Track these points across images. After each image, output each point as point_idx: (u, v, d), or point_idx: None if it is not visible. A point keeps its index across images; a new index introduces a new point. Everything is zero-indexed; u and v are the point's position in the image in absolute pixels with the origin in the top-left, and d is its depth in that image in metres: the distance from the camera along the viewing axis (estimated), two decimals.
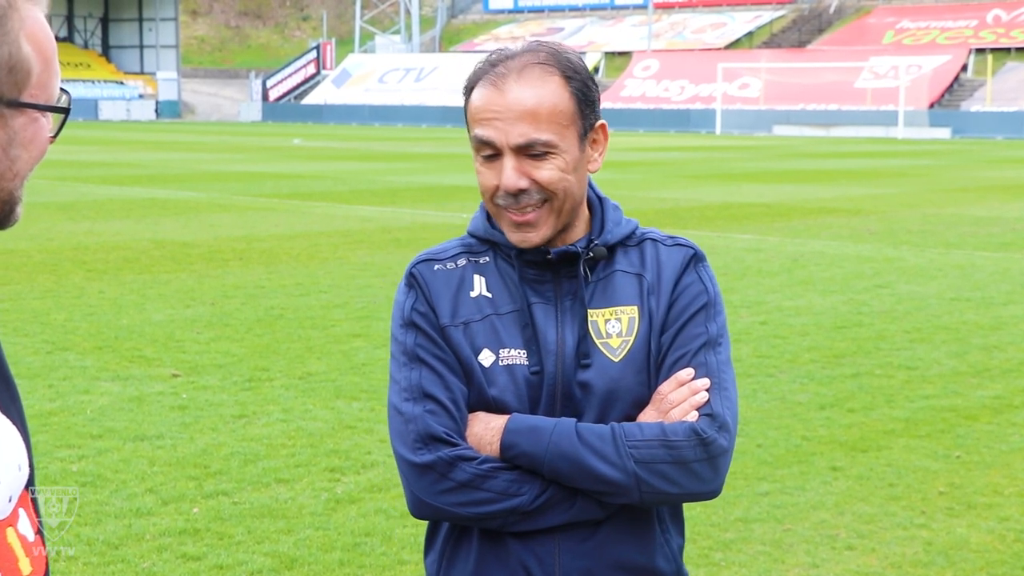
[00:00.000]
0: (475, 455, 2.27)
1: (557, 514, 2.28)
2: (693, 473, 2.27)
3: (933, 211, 22.02)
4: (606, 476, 2.24)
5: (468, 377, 2.31)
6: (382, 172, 31.77)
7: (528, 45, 2.32)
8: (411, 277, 2.38)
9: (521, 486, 2.26)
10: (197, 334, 10.52)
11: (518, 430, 2.26)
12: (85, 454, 7.11)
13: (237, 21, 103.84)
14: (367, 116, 75.93)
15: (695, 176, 31.09)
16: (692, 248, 2.43)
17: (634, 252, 2.41)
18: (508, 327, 2.32)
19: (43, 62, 1.60)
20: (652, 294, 2.36)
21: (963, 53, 67.01)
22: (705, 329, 2.35)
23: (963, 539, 5.98)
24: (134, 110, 78.90)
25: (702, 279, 2.40)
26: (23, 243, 16.15)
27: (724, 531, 6.05)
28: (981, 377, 9.28)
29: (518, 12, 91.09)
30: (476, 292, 2.35)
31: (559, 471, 2.25)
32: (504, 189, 2.25)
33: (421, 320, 2.33)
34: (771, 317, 11.53)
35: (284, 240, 17.10)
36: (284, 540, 5.86)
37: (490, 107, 2.24)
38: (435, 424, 2.27)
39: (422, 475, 2.27)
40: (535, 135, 2.24)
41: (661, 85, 72.79)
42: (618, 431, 2.27)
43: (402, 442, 2.30)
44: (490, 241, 2.39)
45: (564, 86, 2.27)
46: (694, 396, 2.30)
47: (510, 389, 2.30)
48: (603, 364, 2.31)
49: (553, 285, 2.35)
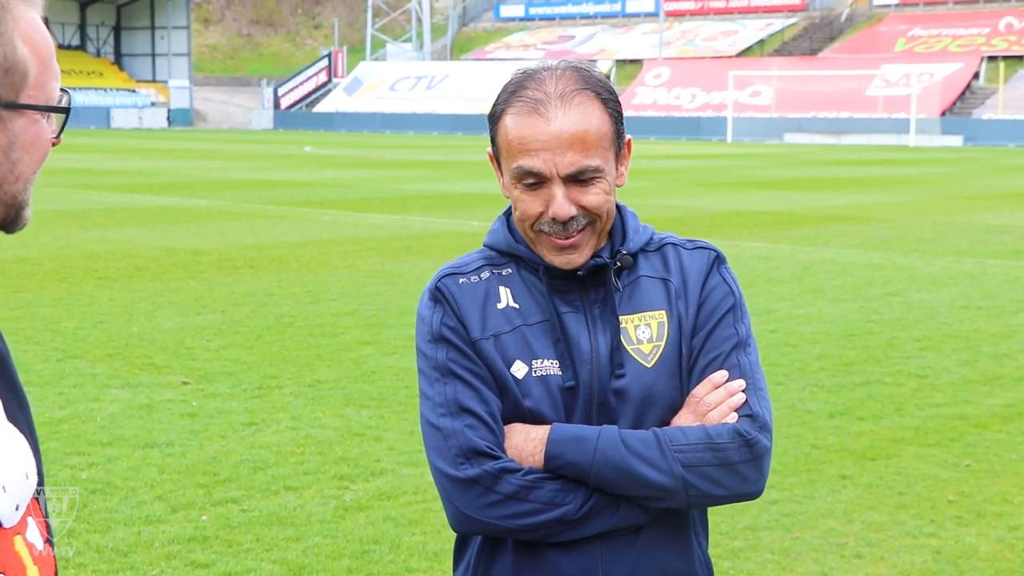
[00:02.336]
0: (519, 467, 2.26)
1: (601, 521, 2.28)
2: (739, 474, 2.28)
3: (944, 219, 21.98)
4: (654, 482, 2.24)
5: (502, 390, 2.30)
6: (393, 180, 31.81)
7: (557, 66, 2.31)
8: (437, 292, 2.36)
9: (566, 495, 2.25)
10: (207, 342, 10.54)
11: (562, 440, 2.26)
12: (95, 461, 7.13)
13: (249, 29, 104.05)
14: (378, 124, 76.01)
15: (706, 184, 31.07)
16: (714, 250, 2.44)
17: (655, 257, 2.41)
18: (538, 337, 2.32)
19: (40, 63, 1.59)
20: (679, 298, 2.37)
21: (975, 61, 66.90)
22: (735, 331, 2.37)
23: (972, 548, 5.96)
24: (146, 118, 79.09)
25: (727, 281, 2.41)
26: (35, 251, 16.21)
27: (732, 539, 6.04)
28: (991, 385, 9.26)
29: (529, 20, 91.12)
30: (503, 304, 2.34)
31: (606, 479, 2.25)
32: (556, 218, 2.25)
33: (451, 334, 2.32)
34: (781, 325, 11.52)
35: (294, 248, 17.13)
36: (293, 548, 5.87)
37: (537, 136, 2.22)
38: (476, 438, 2.26)
39: (467, 489, 2.25)
40: (585, 162, 2.23)
41: (672, 93, 72.77)
42: (662, 436, 2.27)
43: (442, 457, 2.28)
44: (511, 254, 2.38)
45: (603, 109, 2.27)
46: (731, 398, 2.32)
47: (545, 400, 2.30)
48: (637, 370, 2.32)
49: (580, 294, 2.35)
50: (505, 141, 2.28)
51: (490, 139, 2.36)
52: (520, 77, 2.31)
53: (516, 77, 2.32)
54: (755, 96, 68.57)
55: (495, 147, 2.34)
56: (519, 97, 2.27)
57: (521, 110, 2.26)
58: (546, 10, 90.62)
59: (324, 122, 78.28)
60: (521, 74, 2.32)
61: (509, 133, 2.26)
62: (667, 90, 73.18)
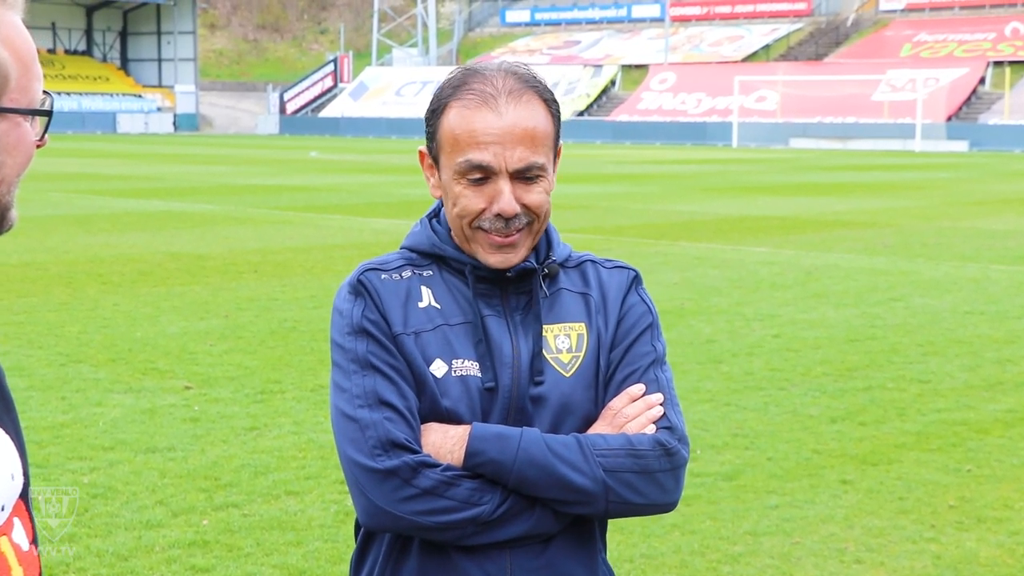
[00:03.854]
0: (437, 462, 2.22)
1: (515, 525, 2.25)
2: (657, 483, 2.28)
3: (949, 224, 21.97)
4: (576, 484, 2.23)
5: (420, 387, 2.27)
6: (398, 185, 31.84)
7: (500, 65, 2.30)
8: (359, 285, 2.32)
9: (483, 495, 2.22)
10: (210, 346, 10.55)
11: (485, 437, 2.23)
12: (96, 466, 7.14)
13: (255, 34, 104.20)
14: (384, 129, 76.11)
15: (711, 189, 31.07)
16: (632, 270, 2.46)
17: (575, 273, 2.42)
18: (460, 338, 2.30)
19: (21, 66, 1.59)
20: (599, 313, 2.38)
21: (981, 66, 66.87)
22: (652, 348, 2.39)
23: (972, 553, 5.96)
24: (152, 123, 79.23)
25: (644, 300, 2.44)
26: (40, 255, 16.24)
27: (733, 544, 6.04)
28: (994, 391, 9.26)
29: (535, 25, 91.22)
30: (425, 303, 2.32)
31: (527, 479, 2.22)
32: (502, 213, 2.24)
33: (373, 327, 2.28)
34: (784, 330, 11.52)
35: (299, 253, 17.15)
36: (293, 552, 5.87)
37: (488, 129, 2.21)
38: (395, 430, 2.21)
39: (383, 481, 2.20)
40: (533, 159, 2.23)
41: (678, 98, 72.80)
42: (584, 440, 2.26)
43: (358, 449, 2.23)
44: (434, 255, 2.37)
45: (547, 111, 2.28)
46: (650, 410, 2.32)
47: (464, 400, 2.27)
48: (555, 378, 2.32)
49: (502, 299, 2.34)
50: (450, 135, 2.26)
51: (427, 136, 2.34)
52: (463, 73, 2.30)
53: (458, 73, 2.30)
54: (761, 101, 68.59)
55: (434, 143, 2.31)
56: (467, 91, 2.25)
57: (469, 103, 2.24)
58: (552, 15, 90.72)
59: (330, 127, 78.37)
60: (462, 71, 2.31)
61: (456, 127, 2.24)
62: (673, 95, 73.20)
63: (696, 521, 6.32)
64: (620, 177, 35.54)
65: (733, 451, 7.59)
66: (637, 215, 23.54)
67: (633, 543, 5.97)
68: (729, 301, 13.13)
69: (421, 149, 2.38)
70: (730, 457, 7.46)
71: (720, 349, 10.63)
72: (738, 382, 9.38)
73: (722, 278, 14.85)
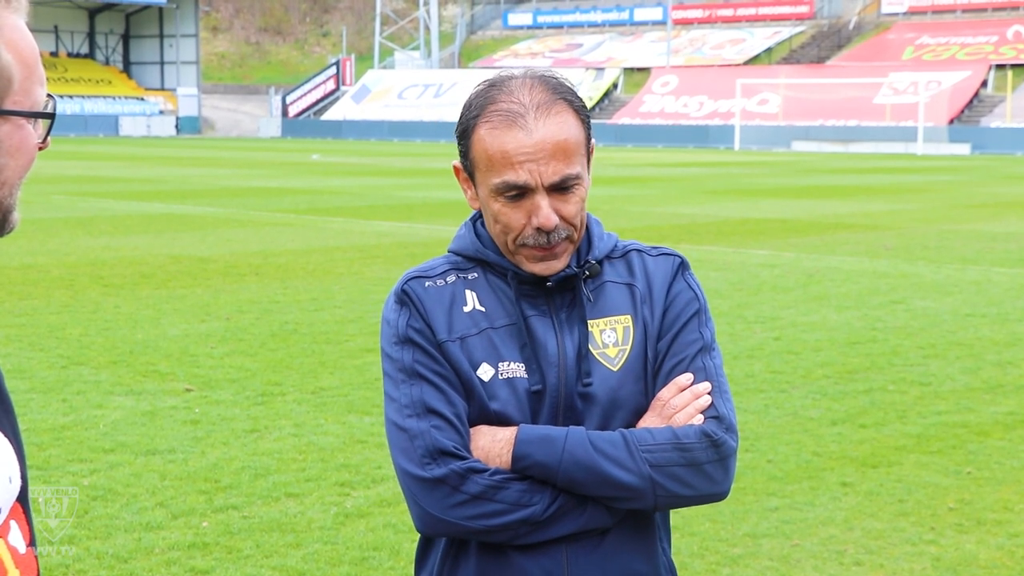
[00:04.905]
0: (485, 467, 2.26)
1: (568, 523, 2.28)
2: (706, 475, 2.30)
3: (950, 227, 21.97)
4: (623, 481, 2.25)
5: (468, 392, 2.31)
6: (400, 187, 31.85)
7: (524, 75, 2.31)
8: (403, 295, 2.36)
9: (533, 496, 2.25)
10: (211, 349, 10.56)
11: (530, 440, 2.26)
12: (97, 468, 7.14)
13: (257, 37, 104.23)
14: (386, 132, 76.14)
15: (713, 192, 31.07)
16: (678, 256, 2.46)
17: (620, 263, 2.43)
18: (505, 340, 2.32)
19: (25, 69, 1.60)
20: (645, 303, 2.39)
21: (983, 69, 66.86)
22: (700, 335, 2.39)
23: (972, 555, 5.96)
24: (154, 126, 79.28)
25: (691, 286, 2.43)
26: (41, 258, 16.25)
27: (732, 546, 6.05)
28: (994, 393, 9.25)
29: (537, 28, 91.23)
30: (469, 307, 2.35)
31: (574, 479, 2.25)
32: (542, 227, 2.25)
33: (418, 336, 2.32)
34: (785, 333, 11.52)
35: (300, 255, 17.16)
36: (292, 554, 5.88)
37: (520, 149, 2.22)
38: (442, 438, 2.26)
39: (433, 489, 2.25)
40: (567, 171, 2.25)
41: (680, 101, 72.81)
42: (629, 436, 2.28)
43: (408, 458, 2.28)
44: (478, 259, 2.39)
45: (577, 118, 2.29)
46: (697, 400, 2.33)
47: (512, 402, 2.30)
48: (603, 374, 2.33)
49: (547, 298, 2.36)
50: (484, 155, 2.27)
51: (460, 153, 2.35)
52: (487, 89, 2.30)
53: (482, 90, 2.31)
54: (763, 104, 68.60)
55: (467, 161, 2.32)
56: (493, 110, 2.26)
57: (499, 124, 2.25)
58: (554, 18, 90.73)
59: (332, 130, 78.40)
60: (488, 86, 2.31)
61: (488, 147, 2.26)
62: (675, 98, 73.22)
63: (695, 523, 6.32)
64: (622, 180, 35.53)
65: None
66: (639, 217, 23.54)
67: None
68: (730, 303, 13.13)
69: (456, 164, 2.39)
70: None
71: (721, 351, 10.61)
72: (739, 384, 9.38)
73: (723, 280, 14.85)
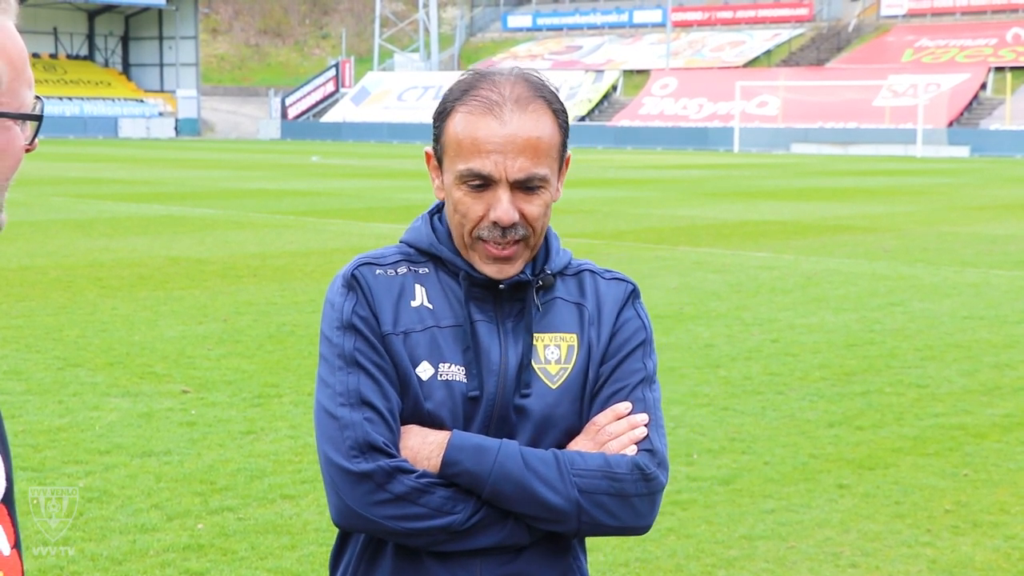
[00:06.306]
0: (413, 468, 2.21)
1: (487, 536, 2.24)
2: (632, 507, 2.26)
3: (949, 229, 21.97)
4: (549, 502, 2.21)
5: (404, 388, 2.26)
6: (400, 189, 31.86)
7: (511, 71, 2.28)
8: (352, 279, 2.31)
9: (456, 504, 2.21)
10: (208, 350, 10.55)
11: (462, 447, 2.21)
12: (92, 470, 7.13)
13: (257, 39, 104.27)
14: (386, 134, 76.17)
15: (712, 194, 31.07)
16: (631, 283, 2.43)
17: (572, 281, 2.39)
18: (448, 341, 2.28)
19: (12, 70, 1.58)
20: (592, 325, 2.35)
21: (982, 71, 66.89)
22: (643, 365, 2.35)
23: (968, 557, 5.95)
24: (154, 128, 79.29)
25: (640, 316, 2.40)
26: (39, 259, 16.25)
27: (728, 548, 6.04)
28: (991, 395, 9.25)
29: (536, 30, 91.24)
30: (417, 302, 2.30)
31: (501, 493, 2.21)
32: (499, 222, 2.21)
33: (362, 324, 2.27)
34: (783, 335, 11.51)
35: (298, 257, 17.16)
36: (287, 556, 5.87)
37: (490, 138, 2.19)
38: (374, 433, 2.20)
39: (358, 484, 2.19)
40: (534, 170, 2.21)
41: (679, 103, 72.83)
42: (561, 457, 2.24)
43: (335, 448, 2.22)
44: (431, 254, 2.35)
45: (555, 120, 2.25)
46: (633, 430, 2.29)
47: (447, 405, 2.26)
48: (541, 390, 2.29)
49: (495, 305, 2.32)
50: (454, 140, 2.24)
51: (433, 137, 2.32)
52: (472, 77, 2.27)
53: (468, 77, 2.28)
54: (762, 106, 68.62)
55: (439, 145, 2.29)
56: (473, 96, 2.23)
57: (474, 110, 2.22)
58: (554, 20, 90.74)
59: (331, 132, 78.44)
60: (473, 74, 2.28)
61: (460, 132, 2.23)
62: (674, 100, 73.24)
63: (692, 525, 6.31)
64: (621, 182, 35.54)
65: (730, 455, 7.58)
66: (638, 219, 23.54)
67: (628, 547, 5.96)
68: (728, 306, 13.13)
69: (427, 150, 2.36)
70: (727, 461, 7.45)
71: (718, 353, 10.63)
72: (736, 386, 9.38)
73: (722, 282, 14.85)
